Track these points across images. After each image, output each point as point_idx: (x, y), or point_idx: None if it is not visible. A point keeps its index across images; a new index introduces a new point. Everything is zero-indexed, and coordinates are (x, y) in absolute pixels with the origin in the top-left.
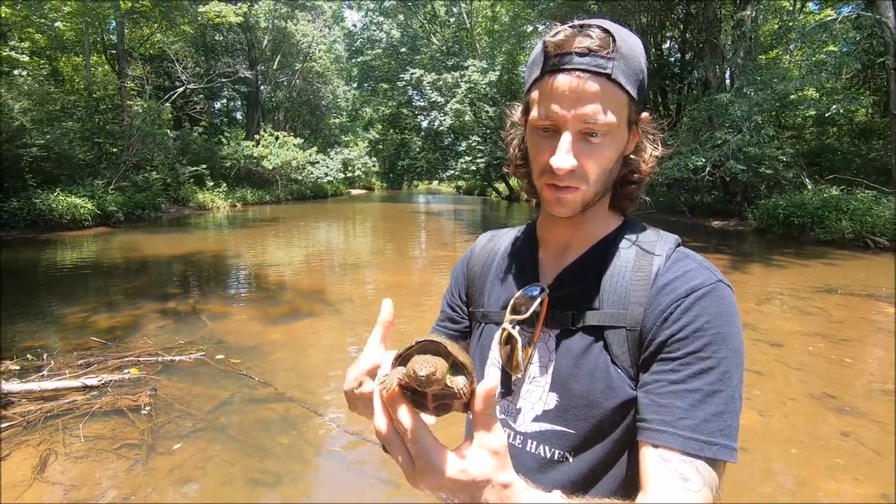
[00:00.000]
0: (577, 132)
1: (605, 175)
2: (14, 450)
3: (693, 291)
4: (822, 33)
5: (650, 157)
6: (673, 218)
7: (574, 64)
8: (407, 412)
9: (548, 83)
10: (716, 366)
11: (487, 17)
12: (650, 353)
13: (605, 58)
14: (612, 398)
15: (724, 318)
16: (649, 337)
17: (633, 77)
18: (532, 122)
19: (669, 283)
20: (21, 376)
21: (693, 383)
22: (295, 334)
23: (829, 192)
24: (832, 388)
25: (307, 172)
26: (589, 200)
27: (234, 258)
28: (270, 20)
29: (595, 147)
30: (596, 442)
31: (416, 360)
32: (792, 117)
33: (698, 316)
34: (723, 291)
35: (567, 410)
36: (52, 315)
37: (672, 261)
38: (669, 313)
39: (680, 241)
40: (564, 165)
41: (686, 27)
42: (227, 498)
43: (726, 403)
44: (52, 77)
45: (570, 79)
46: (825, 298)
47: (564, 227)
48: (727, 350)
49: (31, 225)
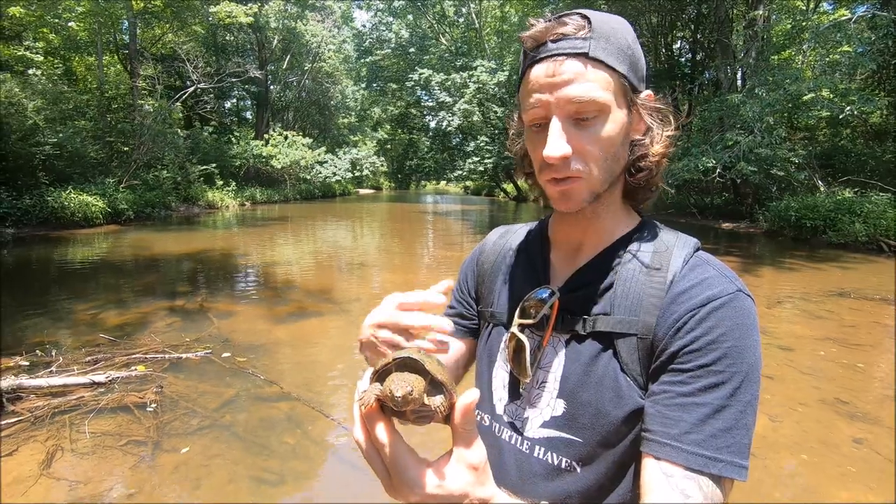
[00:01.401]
0: (566, 117)
1: (608, 160)
2: (21, 445)
3: (710, 301)
4: (837, 33)
5: (660, 136)
6: (682, 220)
7: (549, 51)
8: (384, 429)
9: (528, 77)
10: (728, 380)
11: (496, 17)
12: (661, 363)
13: (581, 38)
14: (621, 407)
15: (742, 330)
16: (661, 346)
17: (619, 54)
18: (525, 121)
19: (685, 291)
20: (30, 372)
21: (703, 397)
22: (302, 333)
23: (842, 194)
24: (844, 394)
25: (316, 172)
26: (596, 189)
27: (242, 257)
28: (280, 20)
29: (589, 130)
30: (604, 452)
31: (394, 378)
32: (805, 118)
33: (713, 327)
34: (742, 302)
35: (574, 418)
36: (63, 311)
37: (689, 267)
38: (683, 323)
39: (699, 245)
40: (556, 153)
41: (697, 27)
42: (232, 496)
43: (736, 419)
44: (66, 76)
45: (547, 64)
46: (837, 302)
47: (576, 225)
48: (742, 364)
49: (43, 222)
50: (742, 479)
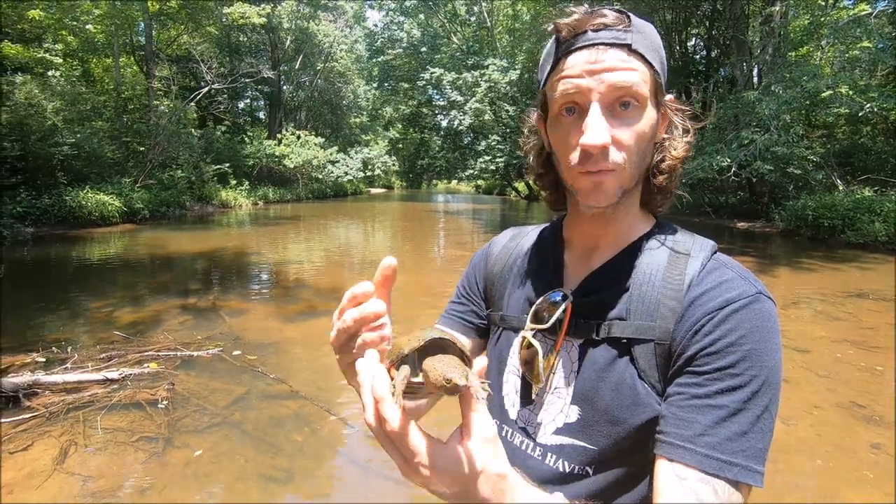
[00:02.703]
0: (607, 104)
1: (640, 156)
2: (36, 440)
3: (728, 304)
4: (857, 28)
5: (681, 140)
6: (697, 219)
7: (591, 39)
8: (398, 413)
9: (563, 64)
10: (746, 383)
11: (508, 16)
12: (678, 367)
13: (623, 31)
14: (638, 415)
15: (762, 333)
16: (678, 351)
17: (655, 52)
18: (553, 109)
19: (703, 294)
20: (46, 368)
21: (719, 399)
22: (311, 332)
23: (861, 193)
24: (861, 398)
25: (328, 171)
26: (626, 185)
27: (254, 255)
28: (293, 21)
29: (628, 121)
30: (618, 458)
31: (440, 362)
32: (823, 116)
33: (732, 330)
34: (762, 304)
35: (589, 426)
36: (79, 309)
37: (707, 270)
38: (701, 326)
39: (717, 248)
40: (597, 141)
41: (712, 24)
42: (241, 493)
43: (752, 423)
44: (84, 78)
45: (590, 51)
46: (856, 303)
47: (593, 225)
48: (761, 368)
49: (61, 221)
50: (758, 485)
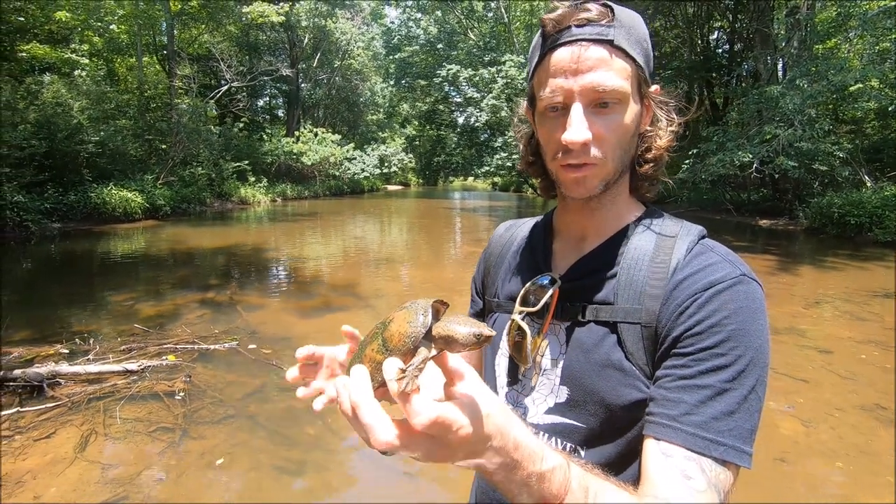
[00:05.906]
0: (588, 103)
1: (622, 149)
2: (59, 428)
3: (713, 286)
4: (887, 20)
5: (666, 130)
6: (717, 216)
7: (573, 35)
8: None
9: (548, 60)
10: (732, 363)
11: (525, 11)
12: (664, 349)
13: (606, 26)
14: (624, 395)
15: (746, 313)
16: (664, 333)
17: (638, 45)
18: (539, 106)
19: (688, 277)
20: (70, 359)
21: (704, 379)
22: (327, 327)
23: (890, 189)
24: (885, 400)
25: (345, 168)
26: (609, 178)
27: (272, 251)
28: (311, 19)
29: (608, 117)
30: (608, 438)
31: (454, 323)
32: (851, 110)
33: (716, 311)
34: (747, 286)
35: (578, 405)
36: (103, 302)
37: (693, 254)
38: (685, 308)
39: (704, 233)
40: (578, 138)
41: (735, 16)
42: (254, 484)
43: (739, 403)
44: (108, 77)
45: (571, 49)
46: (883, 304)
47: (581, 214)
48: (746, 348)
49: (86, 217)
50: (745, 465)
